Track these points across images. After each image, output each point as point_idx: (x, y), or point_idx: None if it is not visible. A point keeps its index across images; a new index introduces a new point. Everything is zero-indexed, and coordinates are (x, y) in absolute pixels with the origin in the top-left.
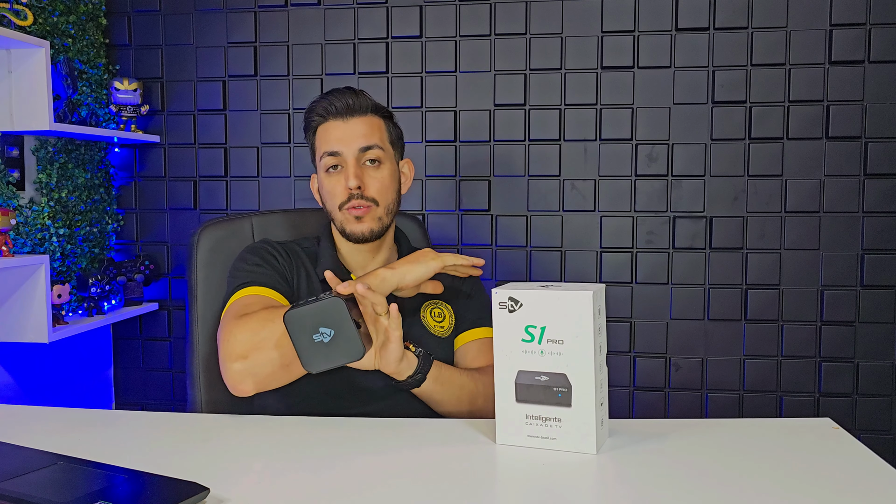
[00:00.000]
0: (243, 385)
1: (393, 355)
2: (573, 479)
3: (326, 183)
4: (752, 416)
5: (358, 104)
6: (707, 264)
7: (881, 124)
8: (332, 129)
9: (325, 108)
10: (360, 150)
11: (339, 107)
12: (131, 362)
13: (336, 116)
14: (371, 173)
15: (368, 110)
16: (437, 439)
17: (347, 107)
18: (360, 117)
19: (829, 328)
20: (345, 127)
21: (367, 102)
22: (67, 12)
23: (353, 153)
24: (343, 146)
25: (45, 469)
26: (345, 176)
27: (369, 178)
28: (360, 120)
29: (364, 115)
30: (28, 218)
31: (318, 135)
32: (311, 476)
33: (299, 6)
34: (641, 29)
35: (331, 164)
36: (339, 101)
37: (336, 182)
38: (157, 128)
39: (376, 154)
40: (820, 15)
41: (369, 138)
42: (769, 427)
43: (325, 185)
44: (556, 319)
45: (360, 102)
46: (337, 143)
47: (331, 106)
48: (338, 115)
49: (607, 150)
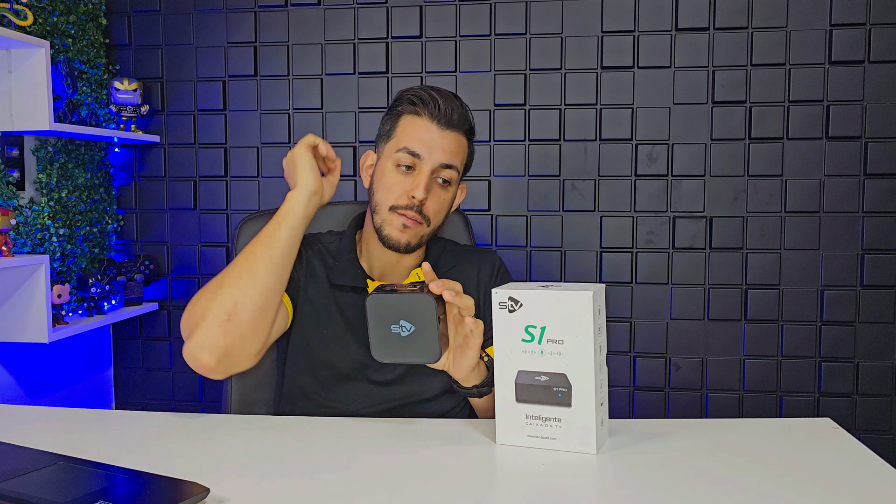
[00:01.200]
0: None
1: (469, 362)
2: (573, 479)
3: (390, 177)
4: (752, 416)
5: (458, 120)
6: (707, 264)
7: (881, 124)
8: (423, 130)
9: (425, 102)
10: (441, 165)
11: (441, 110)
12: (131, 362)
13: (433, 119)
14: (437, 191)
15: (464, 129)
16: (437, 439)
17: (449, 118)
18: (454, 133)
19: (829, 328)
20: (437, 134)
21: (467, 121)
22: (67, 12)
23: (432, 165)
24: (426, 152)
25: (45, 469)
26: (413, 183)
27: (434, 195)
28: (453, 135)
29: (458, 133)
30: (28, 218)
31: (403, 124)
32: (311, 476)
33: (299, 6)
34: (641, 29)
35: (406, 163)
36: (444, 107)
37: (401, 183)
38: (157, 128)
39: (451, 175)
40: (820, 15)
41: (454, 157)
42: (769, 427)
43: (388, 178)
44: (556, 319)
45: (461, 118)
46: (421, 147)
47: (433, 104)
48: (434, 119)
49: (607, 150)
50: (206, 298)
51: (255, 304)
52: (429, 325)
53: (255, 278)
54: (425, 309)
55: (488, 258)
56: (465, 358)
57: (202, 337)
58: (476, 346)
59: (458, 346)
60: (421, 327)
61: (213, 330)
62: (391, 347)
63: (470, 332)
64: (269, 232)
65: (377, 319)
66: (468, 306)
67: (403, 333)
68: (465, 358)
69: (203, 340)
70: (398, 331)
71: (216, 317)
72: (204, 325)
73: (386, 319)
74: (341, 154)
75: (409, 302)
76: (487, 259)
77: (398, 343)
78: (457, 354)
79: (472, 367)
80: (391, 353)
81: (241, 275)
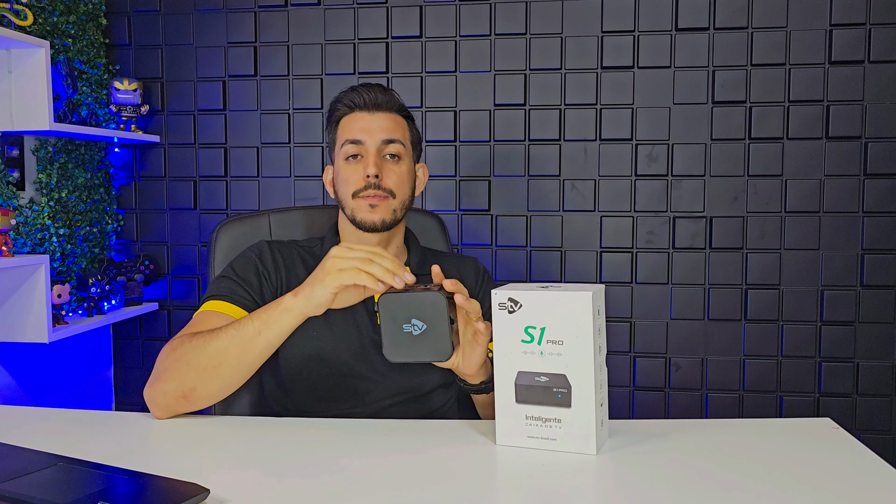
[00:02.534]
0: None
1: (478, 359)
2: (573, 480)
3: (343, 171)
4: (752, 416)
5: (385, 101)
6: (707, 264)
7: (881, 124)
8: (357, 120)
9: (353, 99)
10: (383, 142)
11: (367, 99)
12: (131, 362)
13: (363, 109)
14: (390, 166)
15: (394, 108)
16: (437, 440)
17: (375, 101)
18: (385, 113)
19: (829, 328)
20: (370, 119)
21: (395, 101)
22: (67, 12)
23: (375, 144)
24: (366, 136)
25: (45, 470)
26: (364, 165)
27: (388, 170)
28: (385, 115)
29: (389, 112)
30: (28, 218)
31: (342, 125)
32: (310, 477)
33: (299, 6)
34: (641, 29)
35: (351, 153)
36: (367, 95)
37: (354, 170)
38: (157, 128)
39: (397, 149)
40: (820, 15)
41: (392, 132)
42: (769, 427)
43: (342, 172)
44: (555, 320)
45: (387, 99)
46: (360, 133)
47: (359, 98)
48: (364, 108)
49: (607, 150)
50: (172, 364)
51: (213, 395)
52: (440, 323)
53: (219, 375)
54: (437, 307)
55: (471, 264)
56: (473, 355)
57: (158, 397)
58: (484, 345)
59: (467, 342)
60: (432, 325)
61: (168, 398)
62: (403, 346)
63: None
64: (247, 334)
65: (389, 318)
66: (475, 310)
67: (415, 332)
68: (473, 355)
69: (158, 401)
70: (410, 329)
71: (173, 391)
72: (161, 388)
73: (398, 318)
74: None
75: (420, 300)
76: (470, 265)
77: (410, 342)
78: (466, 352)
79: (480, 364)
80: (403, 352)
81: (206, 364)
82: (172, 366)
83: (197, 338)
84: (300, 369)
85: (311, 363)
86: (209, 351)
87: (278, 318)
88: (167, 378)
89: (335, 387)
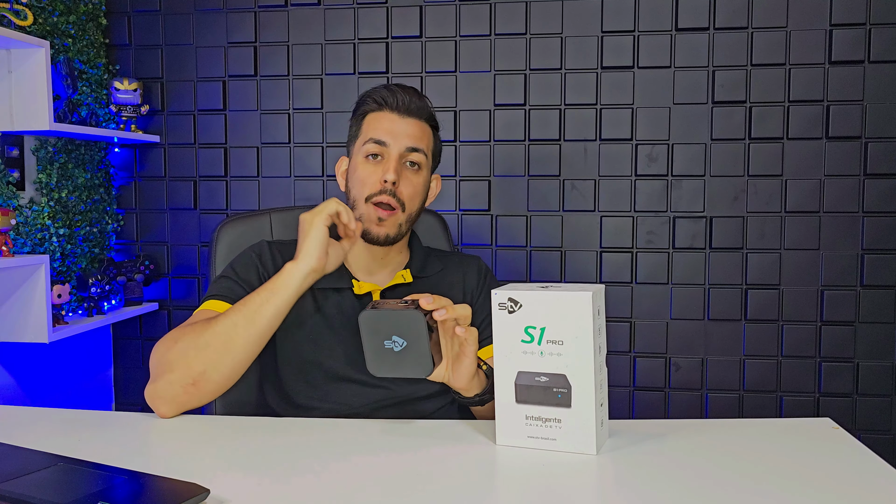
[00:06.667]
0: (158, 409)
1: (467, 371)
2: (573, 480)
3: (361, 169)
4: (752, 416)
5: (417, 107)
6: (707, 264)
7: (881, 124)
8: (385, 120)
9: (385, 98)
10: (407, 149)
11: (399, 101)
12: (131, 362)
13: (393, 110)
14: (409, 175)
15: (424, 116)
16: (437, 440)
17: (407, 105)
18: (415, 119)
19: (829, 328)
20: (398, 122)
21: (426, 109)
22: (67, 12)
23: (398, 149)
24: (391, 139)
25: (45, 470)
26: (384, 168)
27: (406, 179)
28: (414, 122)
29: (419, 119)
30: (28, 218)
31: (368, 121)
32: (310, 477)
33: (299, 6)
34: (641, 29)
35: (373, 152)
36: (401, 96)
37: (372, 171)
38: (157, 128)
39: (419, 158)
40: (820, 15)
41: (418, 141)
42: (769, 427)
43: (360, 170)
44: (555, 320)
45: (420, 105)
46: (386, 135)
47: (392, 98)
48: (395, 110)
49: (607, 150)
50: (178, 352)
51: (224, 376)
52: (420, 340)
53: (229, 351)
54: (416, 324)
55: (474, 264)
56: (462, 367)
57: (164, 390)
58: (472, 354)
59: (455, 355)
60: (412, 342)
61: (175, 388)
62: (386, 362)
63: (464, 341)
64: (254, 305)
65: (370, 335)
66: (464, 315)
67: (396, 349)
68: (462, 367)
69: (164, 394)
70: (391, 346)
71: (181, 379)
72: (168, 379)
73: (379, 335)
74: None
75: (399, 318)
76: (473, 265)
77: (392, 358)
78: (454, 364)
79: (471, 376)
80: (386, 367)
81: (216, 343)
82: (179, 354)
83: (200, 323)
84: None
85: (308, 366)
86: (217, 329)
87: (284, 283)
88: (174, 367)
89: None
